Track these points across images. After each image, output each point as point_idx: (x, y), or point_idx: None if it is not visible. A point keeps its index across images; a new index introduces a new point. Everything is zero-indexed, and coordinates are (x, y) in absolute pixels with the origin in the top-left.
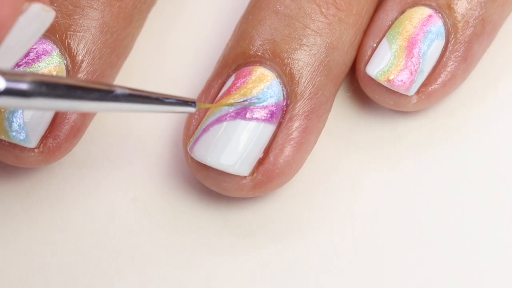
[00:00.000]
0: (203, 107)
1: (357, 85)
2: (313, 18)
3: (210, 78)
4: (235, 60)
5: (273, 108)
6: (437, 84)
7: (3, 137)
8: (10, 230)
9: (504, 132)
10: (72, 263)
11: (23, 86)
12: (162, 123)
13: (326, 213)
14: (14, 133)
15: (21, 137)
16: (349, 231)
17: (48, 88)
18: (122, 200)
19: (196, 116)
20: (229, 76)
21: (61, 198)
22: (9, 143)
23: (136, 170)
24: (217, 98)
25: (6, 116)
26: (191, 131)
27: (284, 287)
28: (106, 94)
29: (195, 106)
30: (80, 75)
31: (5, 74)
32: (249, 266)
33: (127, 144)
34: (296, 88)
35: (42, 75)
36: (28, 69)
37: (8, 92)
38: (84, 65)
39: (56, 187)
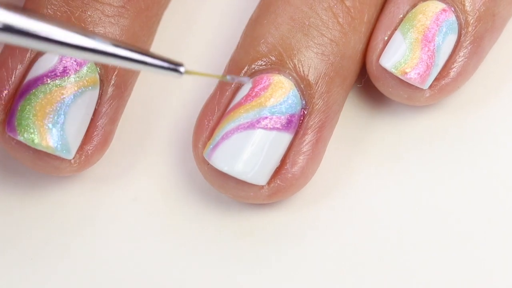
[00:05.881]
0: (192, 73)
1: (357, 88)
2: (330, 27)
3: (221, 81)
4: (250, 65)
5: (292, 118)
6: (449, 78)
7: (45, 150)
8: (10, 230)
9: (507, 132)
10: (72, 263)
11: None
12: (163, 123)
13: (326, 213)
14: (56, 146)
15: (63, 150)
16: (350, 231)
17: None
18: (122, 200)
19: (208, 119)
20: None
21: (61, 198)
22: (47, 154)
23: (136, 170)
24: (232, 104)
25: (47, 128)
26: (206, 136)
27: (284, 287)
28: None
29: (182, 72)
30: (109, 86)
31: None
32: (249, 266)
33: (127, 144)
34: (313, 99)
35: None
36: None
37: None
38: (113, 76)
39: (56, 187)
